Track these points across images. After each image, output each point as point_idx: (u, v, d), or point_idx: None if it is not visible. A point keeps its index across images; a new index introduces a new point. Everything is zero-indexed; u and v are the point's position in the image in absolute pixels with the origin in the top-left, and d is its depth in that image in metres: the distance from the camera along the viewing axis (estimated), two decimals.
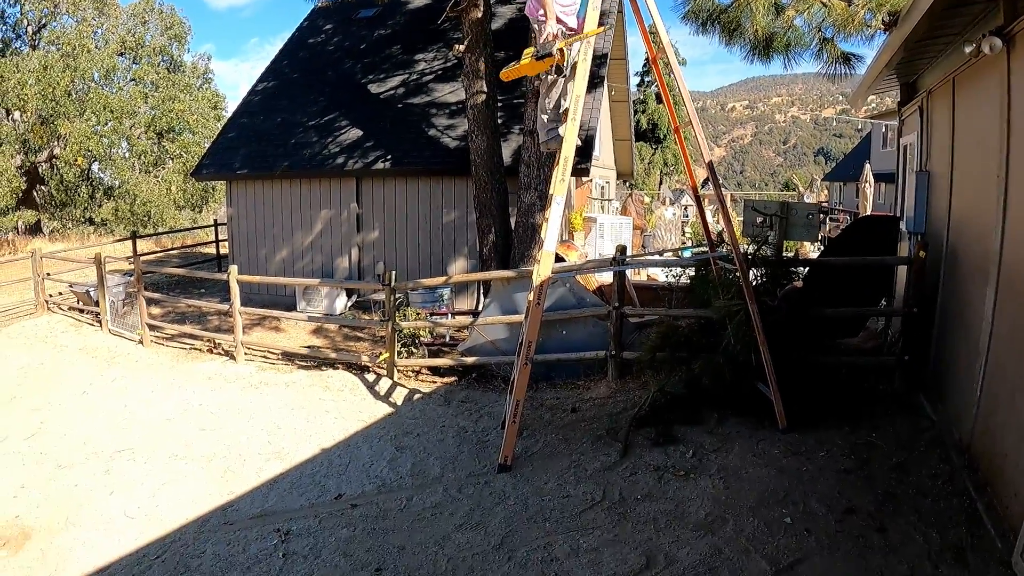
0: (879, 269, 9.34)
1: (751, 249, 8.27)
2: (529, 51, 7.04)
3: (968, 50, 6.20)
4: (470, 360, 10.35)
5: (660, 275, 16.08)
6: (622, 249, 9.33)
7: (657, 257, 17.66)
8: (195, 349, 13.06)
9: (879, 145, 41.22)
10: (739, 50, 10.00)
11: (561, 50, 6.84)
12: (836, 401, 7.84)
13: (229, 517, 6.80)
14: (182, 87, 38.89)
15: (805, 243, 19.92)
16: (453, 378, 10.61)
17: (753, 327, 7.29)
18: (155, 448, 8.49)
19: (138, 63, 38.55)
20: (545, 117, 7.67)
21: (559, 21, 7.00)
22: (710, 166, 7.68)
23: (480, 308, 12.86)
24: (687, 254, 24.76)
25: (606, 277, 12.10)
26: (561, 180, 6.80)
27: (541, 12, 7.08)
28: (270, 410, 9.61)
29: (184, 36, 41.57)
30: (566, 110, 7.15)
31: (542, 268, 6.82)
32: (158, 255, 25.22)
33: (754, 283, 7.77)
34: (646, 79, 62.35)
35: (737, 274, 7.52)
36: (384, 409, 9.47)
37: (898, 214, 11.11)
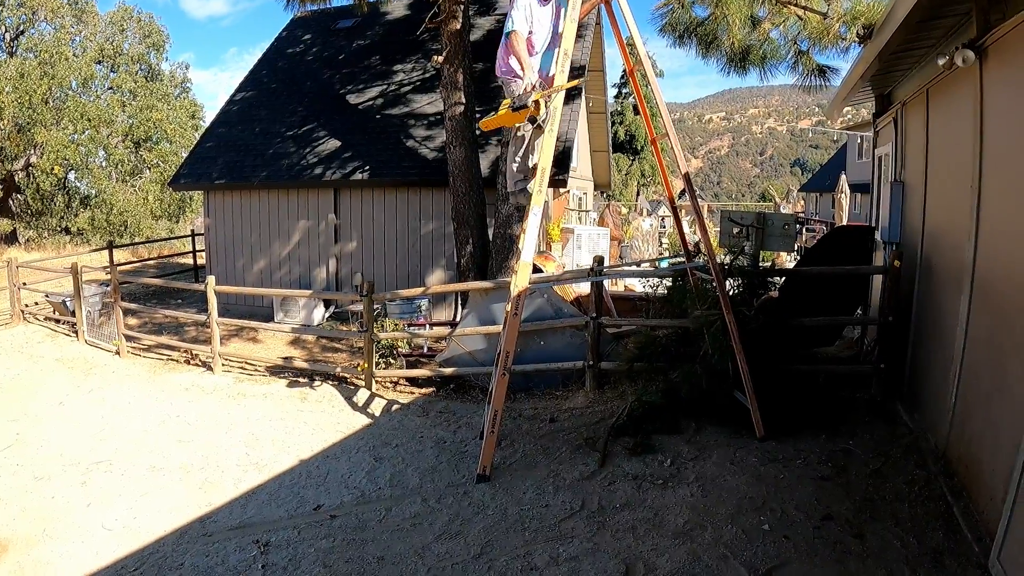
0: (855, 278, 9.39)
1: (727, 259, 8.32)
2: (507, 102, 7.13)
3: (941, 62, 6.30)
4: (448, 371, 10.35)
5: (637, 286, 16.13)
6: (599, 260, 9.36)
7: (634, 268, 17.67)
8: (172, 360, 12.98)
9: (855, 156, 41.58)
10: (715, 62, 10.10)
11: (537, 102, 6.85)
12: (813, 409, 7.88)
13: (208, 528, 6.73)
14: (160, 96, 38.78)
15: (781, 253, 20.06)
16: (431, 389, 10.60)
17: (730, 336, 7.34)
18: (133, 460, 8.41)
19: (116, 71, 38.39)
20: (515, 167, 7.77)
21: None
22: (686, 177, 7.74)
23: (458, 319, 12.84)
24: (664, 265, 24.93)
25: (583, 288, 12.13)
26: (539, 191, 6.83)
27: (510, 71, 7.20)
28: (248, 421, 9.55)
29: (162, 44, 41.53)
30: (535, 165, 7.20)
31: (519, 278, 6.85)
32: (135, 265, 25.03)
33: (731, 293, 7.82)
34: (623, 91, 62.65)
35: (714, 284, 7.57)
36: (362, 420, 9.44)
37: (873, 224, 11.20)
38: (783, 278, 9.51)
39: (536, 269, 10.10)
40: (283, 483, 7.60)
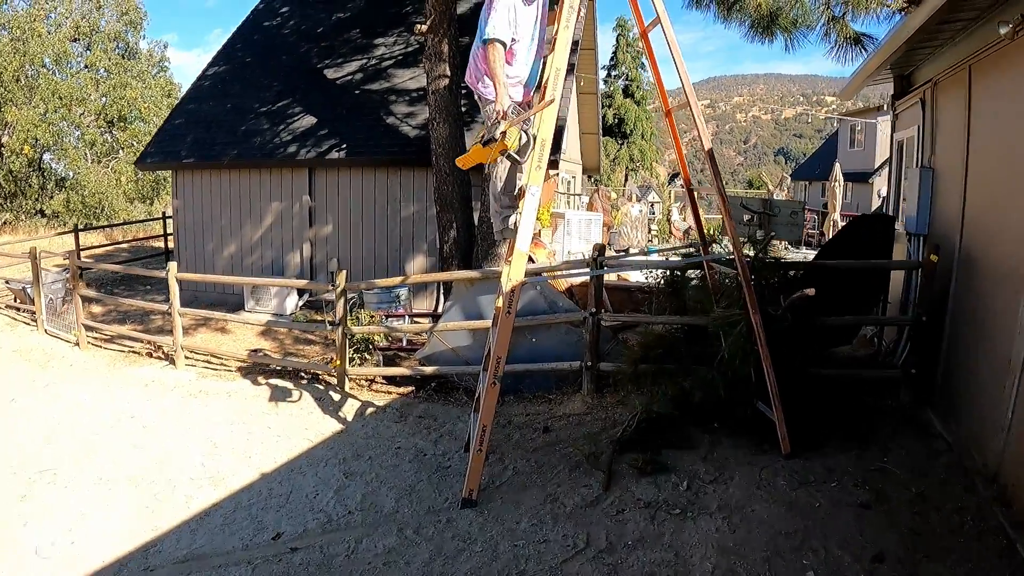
0: (876, 272, 8.64)
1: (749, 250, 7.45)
2: (480, 133, 6.05)
3: (1004, 31, 5.59)
4: (429, 370, 9.44)
5: (632, 275, 15.31)
6: (600, 248, 8.43)
7: (641, 258, 16.65)
8: (134, 352, 12.11)
9: (846, 145, 41.45)
10: (736, 27, 9.03)
11: (505, 132, 5.73)
12: (839, 419, 7.06)
13: (151, 561, 5.82)
14: (136, 74, 37.81)
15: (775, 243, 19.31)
16: (410, 388, 9.71)
17: (755, 339, 6.42)
18: (80, 468, 7.52)
19: (91, 49, 37.43)
20: (497, 204, 6.68)
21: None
22: (710, 155, 6.69)
23: (440, 310, 12.04)
24: (652, 252, 24.25)
25: (575, 277, 11.21)
26: (537, 168, 5.82)
27: (484, 86, 6.22)
28: (207, 424, 8.64)
29: (140, 22, 40.50)
30: (521, 189, 6.12)
31: (514, 270, 5.85)
32: (107, 249, 24.31)
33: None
34: (612, 73, 61.91)
35: (738, 278, 6.65)
36: (333, 426, 8.51)
37: (892, 213, 10.58)
38: (800, 272, 8.71)
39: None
40: (240, 503, 6.67)
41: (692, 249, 8.95)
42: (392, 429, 8.21)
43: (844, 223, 17.41)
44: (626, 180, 51.21)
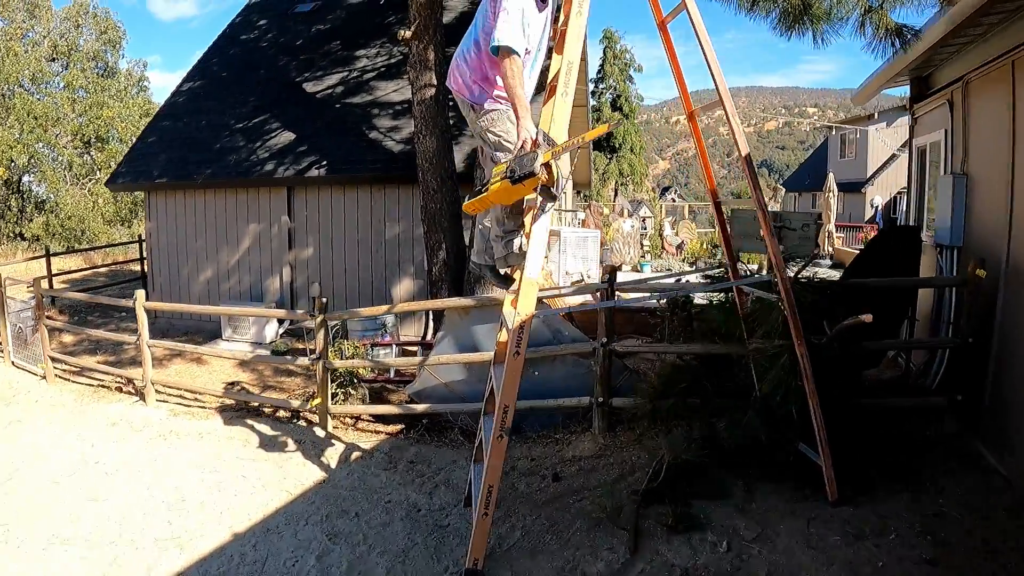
0: (907, 289, 7.94)
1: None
2: (499, 169, 4.75)
3: None
4: (420, 407, 8.59)
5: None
6: (611, 270, 7.59)
7: (664, 281, 15.48)
8: (103, 386, 11.32)
9: (836, 155, 41.46)
10: (762, 19, 8.16)
11: (547, 165, 4.55)
12: (882, 454, 6.30)
13: None
14: (113, 93, 37.35)
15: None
16: (400, 426, 8.88)
17: (800, 372, 5.59)
18: (34, 524, 6.65)
19: (68, 68, 36.98)
20: (499, 228, 5.39)
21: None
22: (747, 161, 5.85)
23: (429, 337, 11.23)
24: (646, 268, 23.56)
25: (571, 299, 10.28)
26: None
27: (474, 96, 5.07)
28: (176, 473, 7.75)
29: (119, 41, 40.70)
30: (528, 207, 5.09)
31: (522, 302, 4.84)
32: (85, 273, 23.60)
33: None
34: (600, 86, 61.34)
35: (780, 304, 5.81)
36: (315, 474, 7.61)
37: (913, 223, 10.21)
38: (829, 291, 7.95)
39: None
40: (208, 571, 5.78)
41: (697, 271, 8.13)
42: (381, 478, 7.33)
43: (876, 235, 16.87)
44: (615, 195, 50.57)
